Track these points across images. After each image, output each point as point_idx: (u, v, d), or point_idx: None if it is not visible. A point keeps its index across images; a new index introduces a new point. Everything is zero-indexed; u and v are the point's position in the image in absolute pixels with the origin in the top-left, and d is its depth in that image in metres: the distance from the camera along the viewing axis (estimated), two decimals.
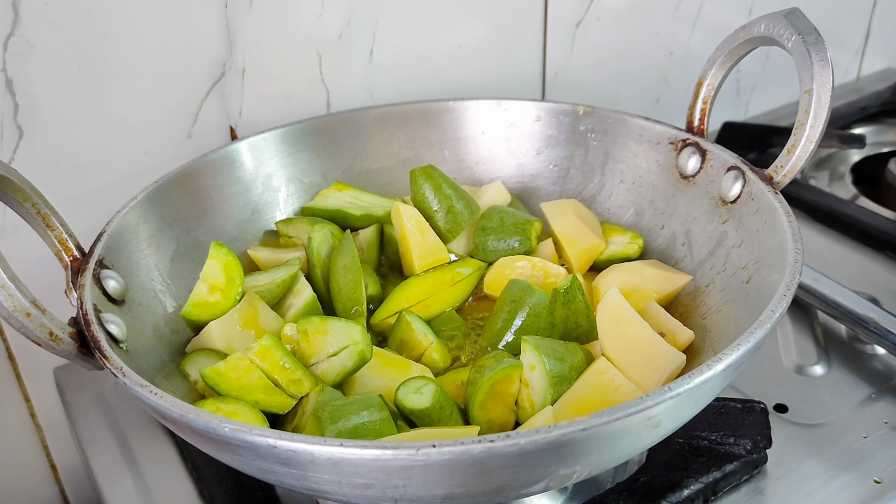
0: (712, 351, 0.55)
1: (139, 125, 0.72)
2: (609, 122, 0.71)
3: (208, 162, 0.68)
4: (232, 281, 0.59)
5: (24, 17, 0.63)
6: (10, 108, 0.65)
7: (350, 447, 0.37)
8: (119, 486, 0.61)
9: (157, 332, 0.57)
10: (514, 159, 0.76)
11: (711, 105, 0.64)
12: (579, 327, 0.58)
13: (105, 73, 0.68)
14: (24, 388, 0.76)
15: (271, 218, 0.72)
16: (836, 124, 1.05)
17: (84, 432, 0.67)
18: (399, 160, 0.76)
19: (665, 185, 0.67)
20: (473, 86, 0.89)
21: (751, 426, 0.59)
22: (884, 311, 0.67)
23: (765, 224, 0.56)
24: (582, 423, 0.37)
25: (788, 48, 0.56)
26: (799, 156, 0.56)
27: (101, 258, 0.54)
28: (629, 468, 0.57)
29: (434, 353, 0.59)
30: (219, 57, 0.73)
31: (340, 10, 0.77)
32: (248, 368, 0.53)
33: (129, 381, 0.44)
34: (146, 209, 0.61)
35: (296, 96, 0.79)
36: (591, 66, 0.97)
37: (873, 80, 1.26)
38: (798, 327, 0.73)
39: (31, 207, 0.52)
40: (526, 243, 0.68)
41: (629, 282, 0.61)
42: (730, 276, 0.58)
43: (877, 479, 0.57)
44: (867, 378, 0.67)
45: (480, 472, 0.38)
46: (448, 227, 0.68)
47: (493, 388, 0.52)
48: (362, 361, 0.55)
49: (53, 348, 0.47)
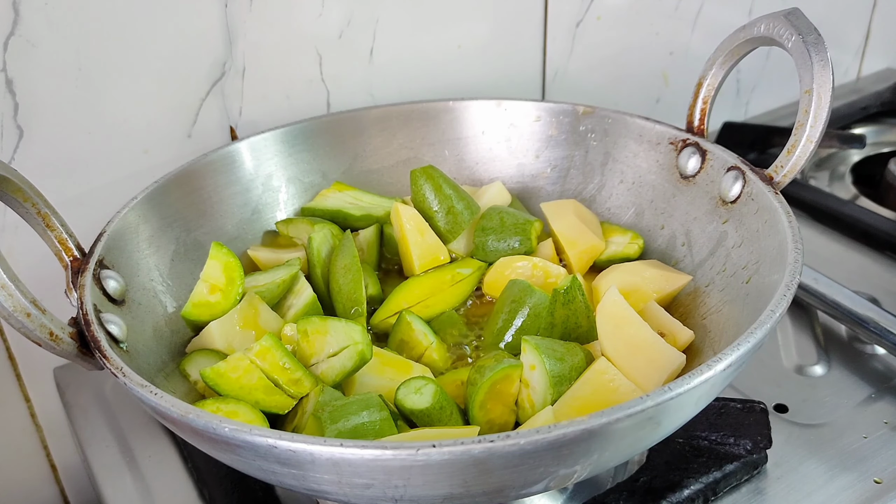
0: (712, 351, 0.55)
1: (139, 125, 0.72)
2: (609, 123, 0.71)
3: (208, 162, 0.68)
4: (232, 281, 0.59)
5: (25, 16, 0.63)
6: (10, 108, 0.65)
7: (350, 447, 0.37)
8: (119, 486, 0.61)
9: (157, 333, 0.57)
10: (514, 159, 0.76)
11: (711, 105, 0.64)
12: (579, 327, 0.58)
13: (105, 73, 0.68)
14: (24, 388, 0.76)
15: (271, 218, 0.72)
16: (836, 124, 1.05)
17: (84, 432, 0.67)
18: (399, 160, 0.76)
19: (665, 185, 0.67)
20: (473, 86, 0.89)
21: (751, 426, 0.59)
22: (884, 311, 0.67)
23: (765, 224, 0.56)
24: (582, 423, 0.37)
25: (788, 48, 0.56)
26: (799, 156, 0.56)
27: (101, 258, 0.54)
28: (629, 468, 0.57)
29: (434, 353, 0.59)
30: (219, 57, 0.73)
31: (340, 10, 0.77)
32: (248, 369, 0.53)
33: (129, 381, 0.44)
34: (146, 209, 0.61)
35: (296, 96, 0.79)
36: (591, 66, 0.97)
37: (873, 80, 1.26)
38: (798, 327, 0.73)
39: (32, 207, 0.52)
40: (526, 243, 0.68)
41: (629, 282, 0.61)
42: (730, 276, 0.58)
43: (877, 479, 0.57)
44: (867, 378, 0.67)
45: (480, 472, 0.38)
46: (448, 227, 0.68)
47: (493, 389, 0.52)
48: (362, 361, 0.55)
49: (53, 348, 0.47)
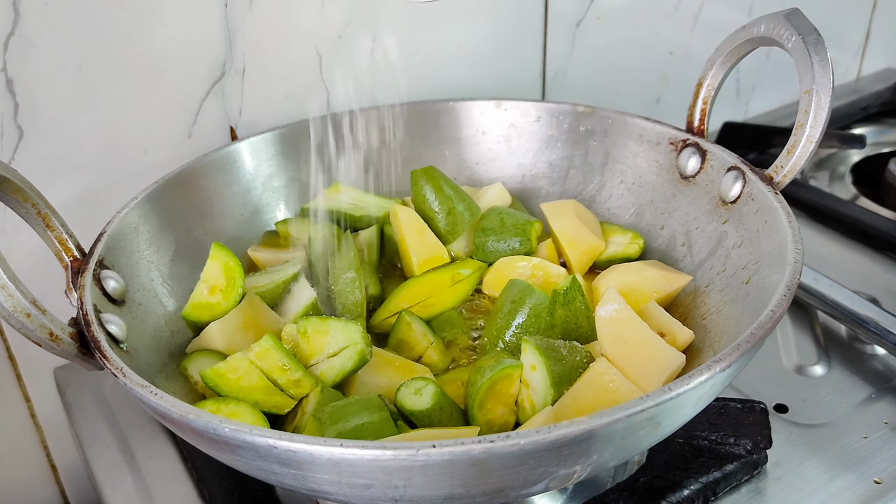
0: (712, 351, 0.55)
1: (139, 125, 0.72)
2: (609, 123, 0.71)
3: (208, 162, 0.68)
4: (232, 282, 0.59)
5: (25, 16, 0.63)
6: (10, 108, 0.65)
7: (350, 447, 0.37)
8: (119, 486, 0.61)
9: (157, 333, 0.57)
10: (513, 159, 0.76)
11: (711, 105, 0.64)
12: (579, 328, 0.58)
13: (105, 73, 0.68)
14: (24, 388, 0.76)
15: (271, 218, 0.72)
16: (836, 124, 1.05)
17: (84, 432, 0.67)
18: (399, 160, 0.75)
19: (665, 185, 0.67)
20: (473, 86, 0.89)
21: (751, 426, 0.59)
22: (884, 311, 0.67)
23: (765, 224, 0.56)
24: (582, 423, 0.37)
25: (788, 48, 0.56)
26: (799, 156, 0.56)
27: (102, 258, 0.54)
28: (629, 468, 0.57)
29: (434, 353, 0.59)
30: (219, 57, 0.73)
31: (340, 10, 0.77)
32: (247, 369, 0.53)
33: (129, 382, 0.44)
34: (146, 209, 0.61)
35: (296, 96, 0.79)
36: (591, 66, 0.97)
37: (873, 80, 1.26)
38: (798, 327, 0.73)
39: (32, 208, 0.52)
40: (526, 244, 0.68)
41: (629, 282, 0.61)
42: (730, 276, 0.58)
43: (877, 479, 0.57)
44: (867, 378, 0.67)
45: (480, 472, 0.38)
46: (448, 228, 0.68)
47: (492, 389, 0.52)
48: (362, 362, 0.55)
49: (54, 349, 0.47)
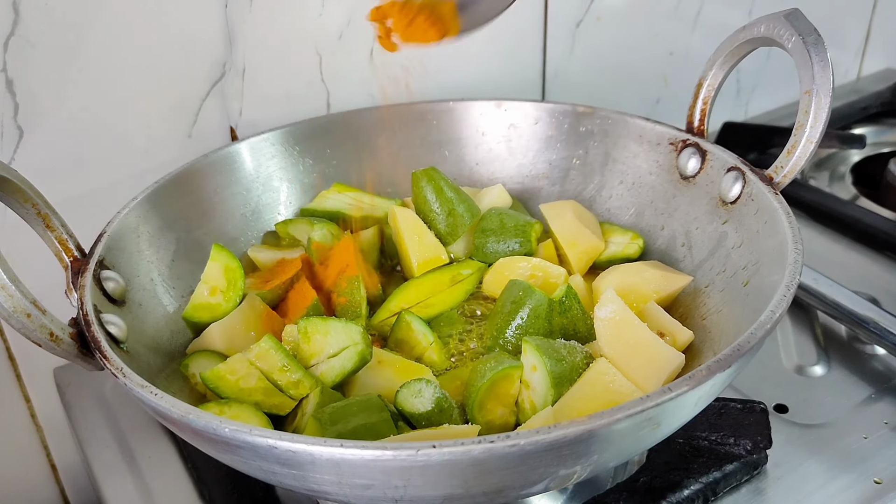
0: (712, 352, 0.55)
1: (139, 125, 0.72)
2: (609, 123, 0.71)
3: (209, 162, 0.68)
4: (233, 283, 0.59)
5: (25, 17, 0.63)
6: (10, 108, 0.65)
7: (350, 448, 0.37)
8: (119, 486, 0.61)
9: (157, 333, 0.57)
10: (513, 160, 0.76)
11: (711, 105, 0.64)
12: (578, 333, 0.58)
13: (105, 73, 0.68)
14: (24, 388, 0.76)
15: (271, 219, 0.72)
16: (836, 124, 1.05)
17: (84, 432, 0.67)
18: (399, 160, 0.75)
19: (665, 185, 0.67)
20: (473, 86, 0.89)
21: (751, 426, 0.59)
22: (884, 311, 0.67)
23: (765, 224, 0.56)
24: (582, 423, 0.37)
25: (788, 49, 0.56)
26: (799, 156, 0.56)
27: (102, 259, 0.54)
28: (629, 468, 0.57)
29: (433, 353, 0.59)
30: (219, 57, 0.73)
31: (340, 10, 0.77)
32: (247, 371, 0.53)
33: (129, 382, 0.44)
34: (146, 209, 0.61)
35: (296, 96, 0.79)
36: (591, 67, 0.97)
37: (873, 80, 1.26)
38: (798, 327, 0.73)
39: (32, 208, 0.52)
40: (526, 245, 0.68)
41: (629, 282, 0.61)
42: (730, 276, 0.58)
43: (877, 479, 0.57)
44: (867, 378, 0.67)
45: (481, 472, 0.38)
46: (449, 229, 0.68)
47: (492, 389, 0.52)
48: (362, 362, 0.55)
49: (54, 349, 0.47)
